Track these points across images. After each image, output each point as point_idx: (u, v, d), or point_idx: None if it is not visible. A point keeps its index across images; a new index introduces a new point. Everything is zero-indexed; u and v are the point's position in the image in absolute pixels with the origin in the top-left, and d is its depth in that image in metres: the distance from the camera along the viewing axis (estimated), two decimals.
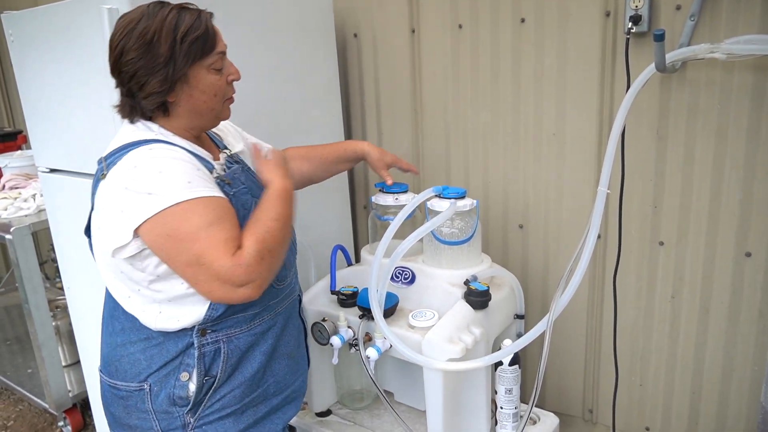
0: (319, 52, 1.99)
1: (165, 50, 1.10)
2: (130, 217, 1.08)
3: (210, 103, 1.19)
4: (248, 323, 1.23)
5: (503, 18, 1.79)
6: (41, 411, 2.72)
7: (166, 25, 1.10)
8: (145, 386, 1.20)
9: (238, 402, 1.24)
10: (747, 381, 1.68)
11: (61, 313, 2.63)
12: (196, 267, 1.07)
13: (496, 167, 1.94)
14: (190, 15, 1.13)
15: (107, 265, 1.19)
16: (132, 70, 1.11)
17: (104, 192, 1.13)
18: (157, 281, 1.15)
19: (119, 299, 1.21)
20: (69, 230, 1.98)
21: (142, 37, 1.09)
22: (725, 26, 1.48)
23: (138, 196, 1.08)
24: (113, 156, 1.14)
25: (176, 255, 1.08)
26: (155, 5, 1.14)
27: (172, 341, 1.18)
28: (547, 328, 1.43)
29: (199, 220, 1.06)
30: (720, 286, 1.66)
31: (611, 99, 1.69)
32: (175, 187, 1.08)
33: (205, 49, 1.14)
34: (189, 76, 1.14)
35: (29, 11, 1.76)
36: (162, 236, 1.07)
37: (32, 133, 1.97)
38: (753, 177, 1.55)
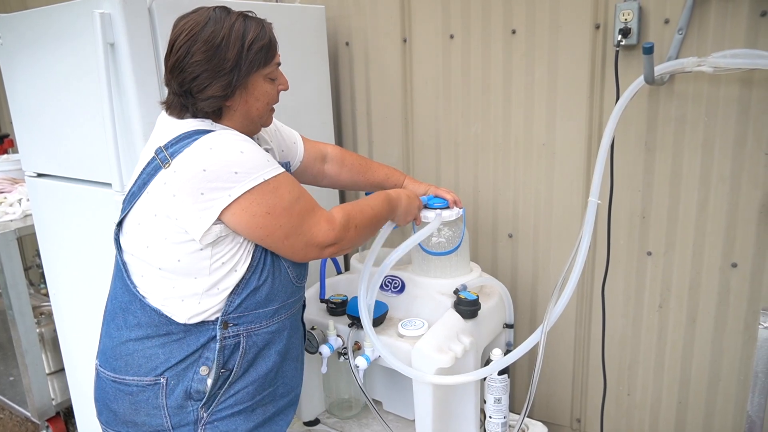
0: (310, 60, 2.00)
1: (232, 56, 1.14)
2: (214, 198, 1.11)
3: (261, 110, 1.25)
4: (267, 319, 1.25)
5: (495, 29, 1.81)
6: (23, 419, 2.67)
7: (234, 31, 1.14)
8: (161, 380, 1.19)
9: (251, 399, 1.26)
10: (733, 390, 1.69)
11: (45, 320, 2.60)
12: (294, 237, 1.19)
13: (485, 177, 1.95)
14: (256, 24, 1.18)
15: (155, 254, 1.17)
16: (196, 72, 1.13)
17: (172, 179, 1.12)
18: (220, 268, 1.17)
19: (152, 292, 1.20)
20: (56, 236, 1.96)
21: (210, 41, 1.12)
22: (712, 40, 1.51)
23: (221, 176, 1.10)
24: (176, 145, 1.14)
25: (275, 230, 1.16)
26: (221, 10, 1.16)
27: (193, 336, 1.19)
28: (541, 338, 1.43)
29: (290, 195, 1.17)
30: (707, 296, 1.67)
31: (600, 110, 1.71)
32: (260, 164, 1.14)
33: (266, 59, 1.20)
34: (248, 83, 1.19)
35: (20, 14, 1.75)
36: (260, 215, 1.14)
37: (20, 137, 1.95)
38: (739, 188, 1.57)
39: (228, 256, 1.18)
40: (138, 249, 1.20)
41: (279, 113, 1.90)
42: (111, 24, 1.46)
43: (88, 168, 1.72)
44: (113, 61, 1.49)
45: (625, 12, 1.56)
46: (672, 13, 1.54)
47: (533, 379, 1.42)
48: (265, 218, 1.14)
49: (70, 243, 1.90)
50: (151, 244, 1.18)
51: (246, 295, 1.21)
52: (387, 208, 1.38)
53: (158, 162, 1.15)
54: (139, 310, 1.20)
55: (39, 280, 3.22)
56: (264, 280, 1.22)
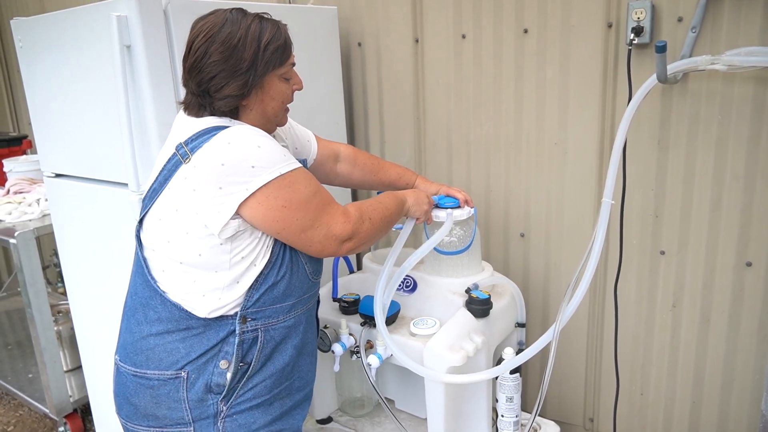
0: (323, 61, 2.01)
1: (248, 56, 1.17)
2: (232, 192, 1.13)
3: (276, 110, 1.28)
4: (284, 314, 1.28)
5: (506, 28, 1.81)
6: (41, 416, 2.72)
7: (250, 32, 1.17)
8: (182, 374, 1.22)
9: (268, 392, 1.28)
10: (747, 390, 1.68)
11: (62, 318, 2.64)
12: (311, 230, 1.20)
13: (497, 176, 1.95)
14: (271, 25, 1.21)
15: (176, 249, 1.20)
16: (214, 72, 1.16)
17: (192, 174, 1.15)
18: (240, 263, 1.20)
19: (173, 287, 1.22)
20: (74, 235, 1.99)
21: (227, 42, 1.16)
22: (726, 38, 1.50)
23: (239, 170, 1.13)
24: (196, 140, 1.17)
25: (291, 223, 1.18)
26: (237, 12, 1.20)
27: (213, 330, 1.22)
28: (554, 338, 1.43)
29: (306, 190, 1.20)
30: (720, 296, 1.66)
31: (613, 109, 1.71)
32: (276, 159, 1.16)
33: (282, 59, 1.23)
34: (264, 82, 1.22)
35: (39, 17, 1.78)
36: (276, 208, 1.16)
37: (38, 138, 1.98)
38: (753, 187, 1.56)
39: (247, 251, 1.20)
40: (159, 244, 1.23)
41: (293, 113, 1.91)
42: (127, 26, 1.49)
43: (105, 168, 1.75)
44: (129, 62, 1.52)
45: (638, 10, 1.56)
46: (685, 11, 1.54)
47: (545, 378, 1.42)
48: (281, 212, 1.16)
49: (88, 242, 1.93)
50: (173, 238, 1.20)
51: (264, 290, 1.23)
52: (396, 205, 1.41)
53: (179, 158, 1.18)
54: (159, 305, 1.23)
55: (56, 278, 3.27)
56: (282, 276, 1.25)
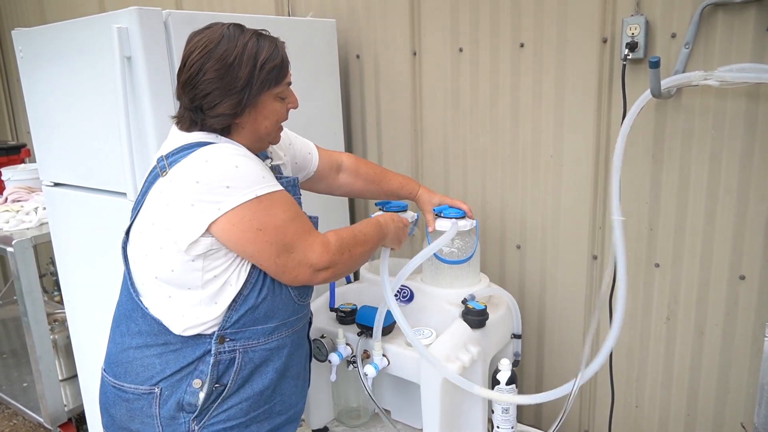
0: (321, 72, 2.03)
1: (244, 75, 1.14)
2: (203, 210, 1.11)
3: (270, 129, 1.25)
4: (266, 336, 1.24)
5: (503, 42, 1.83)
6: (36, 425, 2.71)
7: (247, 50, 1.15)
8: (155, 390, 1.20)
9: (244, 415, 1.24)
10: (741, 403, 1.69)
11: (58, 327, 2.64)
12: (286, 256, 1.17)
13: (494, 188, 1.97)
14: (269, 43, 1.18)
15: (152, 263, 1.19)
16: (208, 89, 1.14)
17: (167, 188, 1.14)
18: (212, 281, 1.17)
19: (149, 300, 1.21)
20: (71, 244, 2.00)
21: (223, 60, 1.13)
22: (719, 54, 1.52)
23: (213, 189, 1.10)
24: (176, 155, 1.16)
25: (267, 248, 1.15)
26: (235, 28, 1.17)
27: (190, 348, 1.20)
28: (573, 388, 1.41)
29: (284, 214, 1.16)
30: (714, 309, 1.67)
31: (608, 123, 1.72)
32: (254, 181, 1.13)
33: (278, 79, 1.20)
34: (258, 102, 1.19)
35: (40, 28, 1.80)
36: (251, 231, 1.13)
37: (38, 147, 1.99)
38: (747, 201, 1.57)
39: (220, 270, 1.17)
40: (139, 257, 1.22)
41: (291, 124, 1.93)
42: (128, 38, 1.50)
43: (103, 178, 1.76)
44: (130, 74, 1.53)
45: (632, 26, 1.58)
46: (678, 28, 1.56)
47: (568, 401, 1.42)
48: (256, 234, 1.13)
49: (85, 251, 1.93)
50: (150, 252, 1.19)
51: (244, 311, 1.20)
52: (377, 235, 1.38)
53: (158, 170, 1.17)
54: (140, 318, 1.22)
55: (53, 287, 3.26)
56: (263, 298, 1.22)
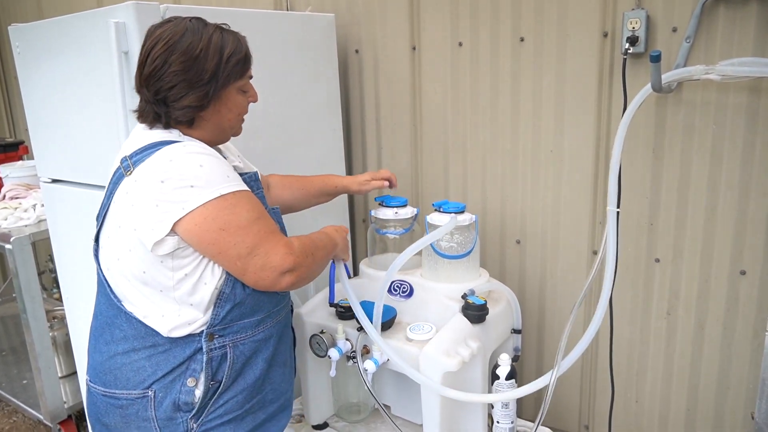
0: (320, 67, 2.02)
1: (210, 68, 1.15)
2: (168, 210, 1.10)
3: (232, 121, 1.26)
4: (253, 329, 1.26)
5: (503, 37, 1.82)
6: (36, 422, 2.71)
7: (212, 44, 1.16)
8: (149, 393, 1.20)
9: (240, 408, 1.26)
10: (742, 398, 1.69)
11: (57, 324, 2.63)
12: (247, 258, 1.14)
13: (494, 183, 1.96)
14: (233, 37, 1.20)
15: (124, 266, 1.18)
16: (174, 82, 1.14)
17: (132, 188, 1.13)
18: (184, 281, 1.16)
19: (130, 304, 1.21)
20: (70, 240, 1.99)
21: (189, 52, 1.14)
22: (720, 48, 1.52)
23: (177, 189, 1.10)
24: (140, 154, 1.15)
25: (229, 248, 1.13)
26: (197, 21, 1.18)
27: (179, 347, 1.19)
28: (551, 379, 1.43)
29: (248, 214, 1.14)
30: (715, 304, 1.67)
31: (608, 117, 1.72)
32: (218, 180, 1.12)
33: (242, 72, 1.22)
34: (222, 94, 1.21)
35: (36, 24, 1.79)
36: (214, 230, 1.11)
37: (35, 144, 1.98)
38: (747, 196, 1.57)
39: (190, 268, 1.16)
40: (112, 262, 1.21)
41: (290, 119, 1.94)
42: (125, 33, 1.49)
43: (101, 174, 1.72)
44: (127, 69, 1.52)
45: (633, 20, 1.57)
46: (680, 22, 1.55)
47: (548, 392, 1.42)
48: (219, 234, 1.11)
49: (83, 248, 1.92)
50: (121, 256, 1.18)
51: (230, 307, 1.20)
52: (330, 242, 1.38)
53: (122, 170, 1.16)
54: (125, 323, 1.21)
55: (51, 284, 3.26)
56: (249, 292, 1.22)
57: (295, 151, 1.95)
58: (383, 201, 1.73)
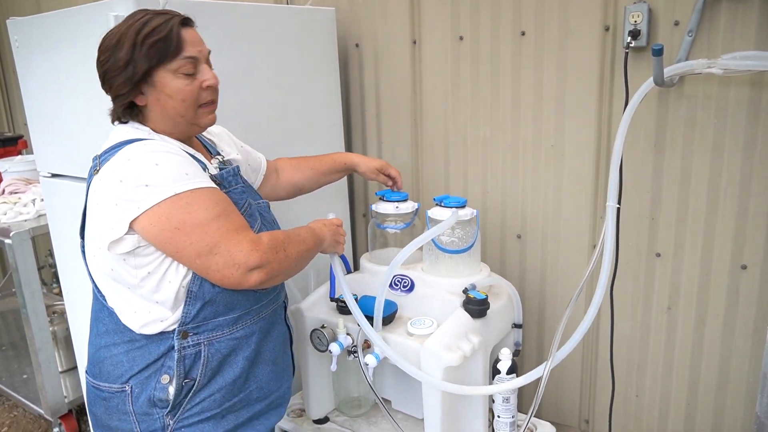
0: (321, 62, 2.01)
1: (126, 52, 1.12)
2: (125, 209, 1.09)
3: (179, 109, 1.18)
4: (230, 327, 1.23)
5: (504, 31, 1.82)
6: (36, 417, 2.71)
7: (132, 28, 1.13)
8: (126, 388, 1.21)
9: (218, 406, 1.24)
10: (742, 392, 1.69)
11: (57, 319, 2.63)
12: (207, 257, 1.10)
13: (494, 178, 1.96)
14: (158, 19, 1.14)
15: (98, 263, 1.20)
16: (101, 72, 1.17)
17: (97, 187, 1.14)
18: (147, 279, 1.15)
19: (108, 300, 1.22)
20: (69, 235, 1.98)
21: (109, 40, 1.15)
22: (722, 42, 1.51)
23: (134, 188, 1.08)
24: (107, 153, 1.16)
25: (186, 247, 1.10)
26: (138, 11, 1.17)
27: (154, 344, 1.19)
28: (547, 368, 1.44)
29: (205, 212, 1.10)
30: (716, 298, 1.67)
31: (609, 112, 1.71)
32: (174, 178, 1.10)
33: (167, 53, 1.14)
34: (154, 79, 1.15)
35: (35, 17, 1.78)
36: (168, 230, 1.08)
37: (34, 138, 1.98)
38: (749, 190, 1.57)
39: (153, 266, 1.14)
40: (90, 258, 1.23)
41: (290, 114, 1.93)
42: None
43: None
44: None
45: (635, 14, 1.56)
46: (682, 15, 1.55)
47: (540, 384, 1.42)
48: (173, 233, 1.09)
49: None
50: (95, 253, 1.19)
51: (201, 305, 1.18)
52: (313, 238, 1.32)
53: (93, 170, 1.17)
54: (107, 318, 1.23)
55: (51, 279, 3.25)
56: (219, 291, 1.18)
57: (295, 146, 1.95)
58: (384, 195, 1.73)
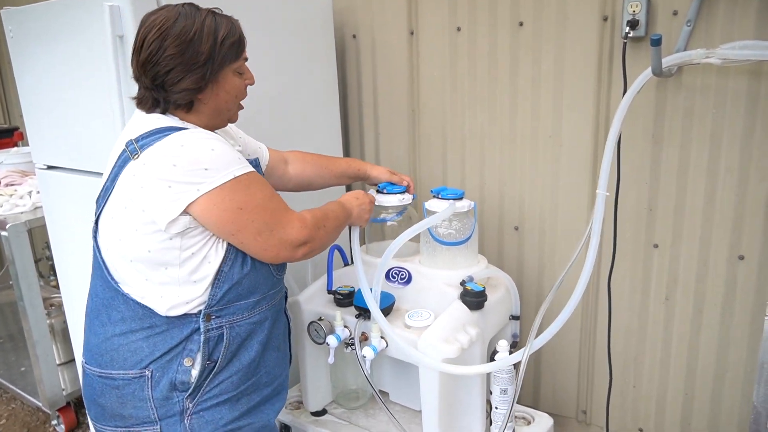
0: (318, 53, 2.00)
1: (205, 50, 1.18)
2: (181, 191, 1.13)
3: (230, 104, 1.29)
4: (249, 311, 1.29)
5: (501, 21, 1.81)
6: (34, 409, 2.71)
7: (206, 27, 1.18)
8: (146, 373, 1.22)
9: (235, 389, 1.29)
10: (739, 382, 1.69)
11: (55, 311, 2.63)
12: (267, 234, 1.21)
13: (492, 169, 1.95)
14: (226, 21, 1.23)
15: (127, 246, 1.20)
16: (170, 66, 1.17)
17: (140, 171, 1.15)
18: (190, 259, 1.20)
19: (126, 285, 1.23)
20: (66, 227, 1.98)
21: (182, 36, 1.16)
22: (721, 32, 1.50)
23: (190, 172, 1.13)
24: (147, 138, 1.17)
25: (247, 225, 1.18)
26: (190, 7, 1.21)
27: (177, 328, 1.22)
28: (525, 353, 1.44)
29: (262, 193, 1.21)
30: (713, 289, 1.67)
31: (608, 102, 1.71)
32: (230, 162, 1.17)
33: (237, 54, 1.25)
34: (219, 77, 1.23)
35: (29, 7, 1.76)
36: (231, 210, 1.16)
37: (30, 130, 1.97)
38: (747, 181, 1.56)
39: (197, 247, 1.20)
40: (112, 243, 1.23)
41: (287, 105, 1.92)
42: (120, 17, 1.47)
43: (97, 160, 1.73)
44: (122, 53, 1.50)
45: (633, 3, 1.56)
46: (680, 5, 1.54)
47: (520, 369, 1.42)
48: (236, 213, 1.17)
49: (80, 234, 1.91)
50: (123, 236, 1.20)
51: (228, 287, 1.23)
52: (343, 212, 1.44)
53: (128, 154, 1.18)
54: (122, 305, 1.23)
55: (48, 271, 3.25)
56: (246, 273, 1.25)
57: (293, 137, 1.94)
58: (380, 188, 1.71)
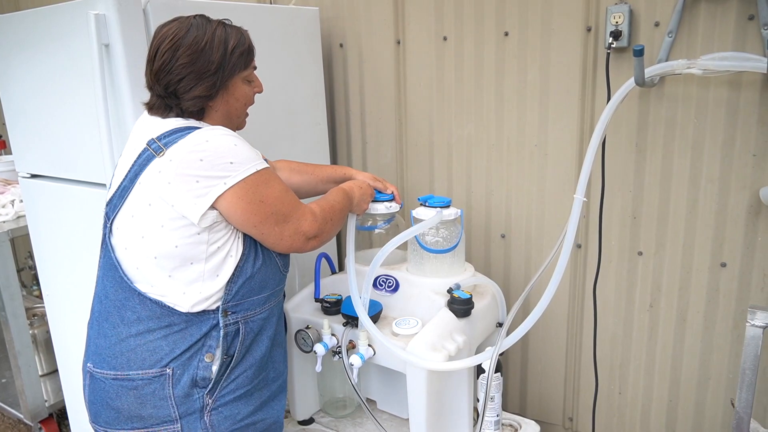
0: (305, 62, 2.01)
1: (216, 59, 1.23)
2: (210, 185, 1.18)
3: (239, 111, 1.35)
4: (261, 306, 1.33)
5: (487, 31, 1.83)
6: (16, 421, 2.66)
7: (216, 37, 1.24)
8: (167, 371, 1.23)
9: (249, 383, 1.32)
10: (722, 388, 1.71)
11: (38, 321, 2.59)
12: (283, 225, 1.27)
13: (478, 178, 1.96)
14: (235, 31, 1.29)
15: (151, 244, 1.21)
16: (182, 74, 1.22)
17: (167, 167, 1.18)
18: (216, 253, 1.24)
19: (150, 284, 1.23)
20: (50, 236, 1.96)
21: (194, 46, 1.22)
22: (702, 43, 1.53)
23: (218, 166, 1.18)
24: (170, 136, 1.21)
25: (267, 217, 1.24)
26: (201, 18, 1.26)
27: (195, 325, 1.24)
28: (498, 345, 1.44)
29: (279, 186, 1.27)
30: (696, 296, 1.69)
31: (592, 112, 1.73)
32: (252, 157, 1.23)
33: (246, 62, 1.31)
34: (229, 84, 1.29)
35: (13, 15, 1.75)
36: (255, 202, 1.22)
37: (13, 138, 1.95)
38: (728, 189, 1.59)
39: (223, 241, 1.24)
40: (133, 241, 1.23)
41: (274, 113, 1.92)
42: (106, 25, 1.47)
43: (82, 168, 1.72)
44: (108, 62, 1.50)
45: (616, 15, 1.58)
46: (662, 16, 1.57)
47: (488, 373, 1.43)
48: (259, 206, 1.22)
49: (64, 244, 1.89)
50: (147, 233, 1.21)
51: (242, 282, 1.27)
52: (346, 201, 1.49)
53: (151, 152, 1.20)
54: (138, 305, 1.23)
55: (31, 281, 3.20)
56: (258, 268, 1.30)
57: (280, 145, 1.94)
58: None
